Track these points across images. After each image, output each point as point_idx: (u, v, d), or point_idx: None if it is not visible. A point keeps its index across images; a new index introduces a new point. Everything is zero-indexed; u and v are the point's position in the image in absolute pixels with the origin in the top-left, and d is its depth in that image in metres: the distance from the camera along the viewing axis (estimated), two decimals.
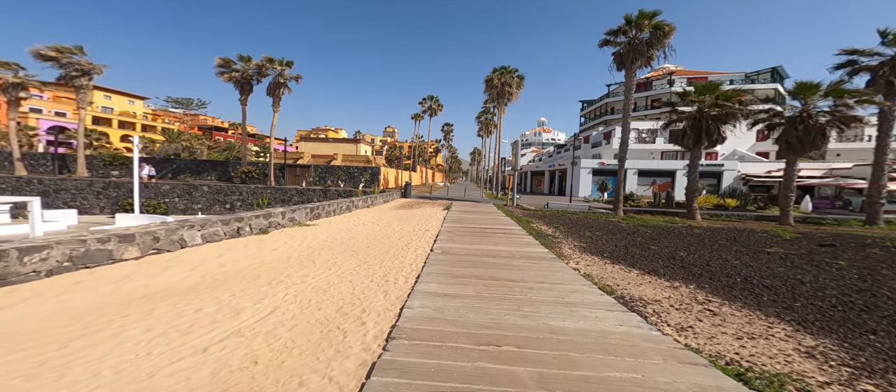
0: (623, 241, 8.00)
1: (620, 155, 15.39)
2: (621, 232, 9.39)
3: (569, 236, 8.44)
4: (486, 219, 11.20)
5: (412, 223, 9.65)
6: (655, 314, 3.33)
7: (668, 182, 29.49)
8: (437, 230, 8.45)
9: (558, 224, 10.76)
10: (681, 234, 9.38)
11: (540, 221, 11.33)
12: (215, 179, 23.47)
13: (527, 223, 10.56)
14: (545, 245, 6.89)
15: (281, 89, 23.47)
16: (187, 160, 24.64)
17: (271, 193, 18.34)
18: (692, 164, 14.13)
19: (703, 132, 13.26)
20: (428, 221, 10.15)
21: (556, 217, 12.82)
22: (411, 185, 20.09)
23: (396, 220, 10.27)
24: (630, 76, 15.18)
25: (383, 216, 10.95)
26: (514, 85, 26.56)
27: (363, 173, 26.58)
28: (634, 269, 5.33)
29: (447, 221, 10.07)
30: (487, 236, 7.70)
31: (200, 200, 18.05)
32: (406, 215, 11.58)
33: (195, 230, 5.25)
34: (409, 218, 10.89)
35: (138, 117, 59.61)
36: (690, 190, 13.90)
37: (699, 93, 13.47)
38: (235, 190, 18.36)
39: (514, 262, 5.37)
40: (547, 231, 9.16)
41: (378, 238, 7.09)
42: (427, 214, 12.09)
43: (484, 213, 13.26)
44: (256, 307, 3.09)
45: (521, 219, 11.51)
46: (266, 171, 23.24)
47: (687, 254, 6.57)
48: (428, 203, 17.27)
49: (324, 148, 51.32)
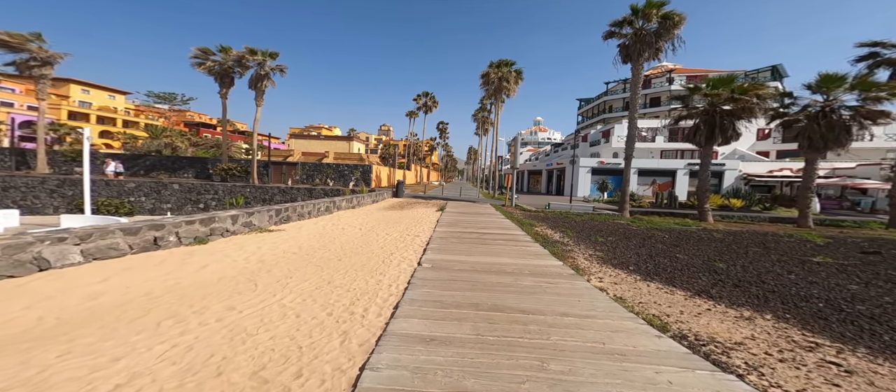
0: (643, 247, 6.93)
1: (627, 153, 14.39)
2: (636, 236, 8.33)
3: (580, 242, 7.33)
4: (484, 221, 10.05)
5: (400, 227, 8.45)
6: (753, 370, 2.20)
7: (668, 182, 28.77)
8: (429, 236, 7.26)
9: (564, 227, 9.67)
10: (702, 238, 8.36)
11: (543, 224, 10.23)
12: (193, 177, 21.90)
13: (529, 226, 9.44)
14: (556, 255, 5.75)
15: (263, 82, 22.00)
16: (163, 156, 22.98)
17: (251, 192, 16.93)
18: (703, 162, 13.18)
19: (716, 128, 12.32)
20: (419, 224, 8.95)
21: (560, 219, 11.74)
22: (404, 184, 18.84)
23: (383, 223, 9.05)
24: (637, 69, 14.18)
25: (369, 218, 9.72)
26: (511, 80, 25.49)
27: (353, 171, 25.24)
28: (675, 287, 4.22)
29: (440, 225, 8.89)
30: (487, 244, 6.53)
31: (170, 199, 16.52)
32: (395, 217, 10.36)
33: (69, 244, 3.76)
34: (398, 220, 9.68)
35: (119, 113, 57.03)
36: (702, 190, 12.95)
37: (713, 86, 12.52)
38: (210, 188, 16.89)
39: (523, 281, 4.20)
40: (553, 236, 8.05)
41: (356, 247, 5.87)
42: (419, 216, 10.89)
43: (481, 214, 12.11)
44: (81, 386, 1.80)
45: (522, 222, 10.39)
46: (249, 169, 21.76)
47: (727, 265, 5.50)
48: (421, 203, 16.06)
49: (315, 145, 49.68)
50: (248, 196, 16.60)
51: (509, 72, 25.37)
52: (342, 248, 5.70)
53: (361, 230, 7.61)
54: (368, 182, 26.04)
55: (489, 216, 11.48)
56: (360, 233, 7.28)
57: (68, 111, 50.03)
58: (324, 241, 6.19)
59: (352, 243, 6.14)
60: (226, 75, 21.71)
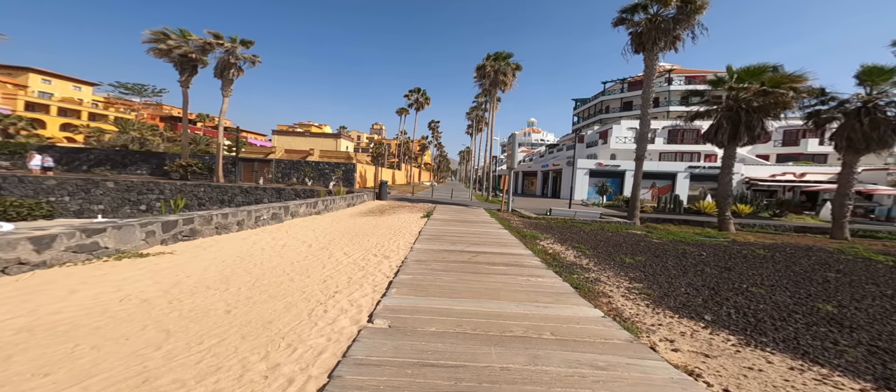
0: (689, 273, 5.17)
1: (638, 153, 12.77)
2: (667, 254, 6.60)
3: (603, 265, 5.53)
4: (477, 233, 8.16)
5: (369, 241, 6.48)
6: None
7: (668, 185, 27.61)
8: (403, 256, 5.33)
9: (574, 240, 7.87)
10: (747, 257, 6.69)
11: (548, 236, 8.42)
12: (147, 174, 19.32)
13: (533, 240, 7.61)
14: (583, 291, 3.91)
15: (231, 71, 19.62)
16: (111, 150, 20.27)
17: (206, 192, 14.61)
18: (726, 165, 11.66)
19: (741, 126, 10.79)
20: (395, 237, 7.01)
21: (566, 228, 9.97)
22: (387, 185, 16.81)
23: (349, 235, 7.05)
24: (651, 60, 12.57)
25: (332, 228, 7.71)
26: (509, 73, 23.80)
27: (335, 170, 23.04)
28: (810, 361, 2.41)
29: (423, 238, 6.96)
30: (482, 273, 4.63)
31: (103, 199, 14.01)
32: (368, 226, 8.38)
33: None
34: (371, 231, 7.70)
35: (85, 105, 52.87)
36: (723, 195, 11.42)
37: (739, 79, 10.98)
38: (155, 187, 14.47)
39: (549, 357, 2.32)
40: (566, 255, 6.23)
41: (280, 281, 3.88)
42: (398, 224, 8.93)
43: (474, 222, 10.23)
44: None
45: (523, 233, 8.55)
46: (213, 165, 19.32)
47: (838, 308, 3.75)
48: (405, 207, 14.09)
49: (299, 142, 46.97)
50: (202, 197, 14.30)
51: (506, 64, 23.68)
52: (254, 285, 3.68)
53: (311, 248, 5.60)
54: (352, 182, 23.89)
55: (483, 225, 9.61)
56: (305, 253, 5.27)
57: (25, 102, 45.88)
58: (232, 271, 4.15)
59: (279, 274, 4.14)
60: (187, 62, 19.24)
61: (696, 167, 26.69)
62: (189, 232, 5.12)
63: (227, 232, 5.68)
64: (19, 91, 46.51)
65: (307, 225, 7.57)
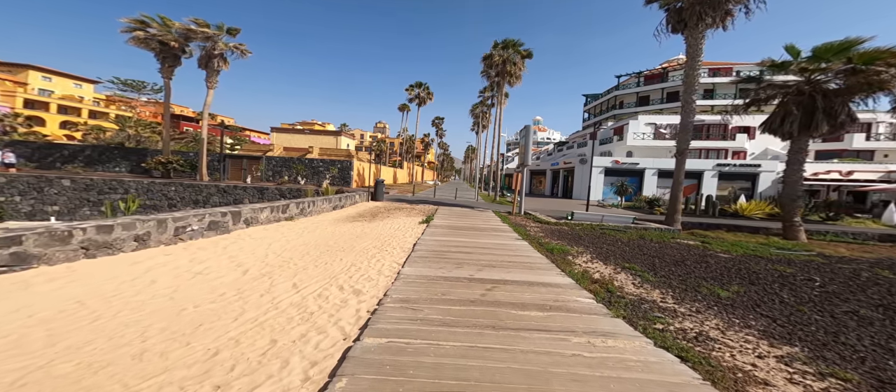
0: (846, 320, 3.21)
1: (679, 146, 10.75)
2: (767, 281, 4.62)
3: (694, 304, 3.59)
4: (489, 247, 6.27)
5: (343, 261, 4.65)
6: None
7: (693, 184, 25.27)
8: (384, 287, 3.49)
9: (620, 257, 5.93)
10: (880, 284, 4.67)
11: (582, 250, 6.49)
12: (126, 171, 17.83)
13: (563, 256, 5.70)
14: (700, 367, 1.98)
15: (216, 61, 18.04)
16: (87, 146, 18.84)
17: (178, 192, 12.98)
18: (793, 159, 9.55)
19: (818, 113, 8.66)
20: (380, 253, 5.16)
21: (599, 238, 8.01)
22: (385, 184, 15.01)
23: (317, 251, 5.23)
24: (695, 40, 10.48)
25: (300, 240, 5.90)
26: (518, 62, 21.79)
27: (330, 167, 21.35)
28: None
29: (417, 255, 5.10)
30: (508, 328, 2.74)
31: (58, 199, 12.44)
32: (349, 237, 6.56)
33: None
34: (350, 244, 5.88)
35: (85, 102, 52.25)
36: (791, 198, 9.32)
37: (816, 57, 8.80)
38: (120, 186, 12.86)
39: None
40: (623, 283, 4.30)
41: (112, 359, 2.03)
42: (389, 233, 7.10)
43: (483, 230, 8.34)
44: None
45: (549, 246, 6.63)
46: (196, 162, 17.75)
47: None
48: (403, 209, 12.27)
49: (298, 140, 45.53)
50: (174, 197, 12.68)
51: (515, 53, 21.66)
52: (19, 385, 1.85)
53: (246, 276, 3.75)
54: (348, 181, 22.17)
55: (495, 234, 7.72)
56: (227, 287, 3.39)
57: (24, 99, 45.31)
58: (21, 337, 2.33)
59: (124, 341, 2.29)
60: (168, 52, 17.70)
61: (726, 165, 24.30)
62: (22, 259, 3.12)
63: (111, 253, 3.76)
64: (19, 88, 45.99)
65: (265, 236, 5.76)
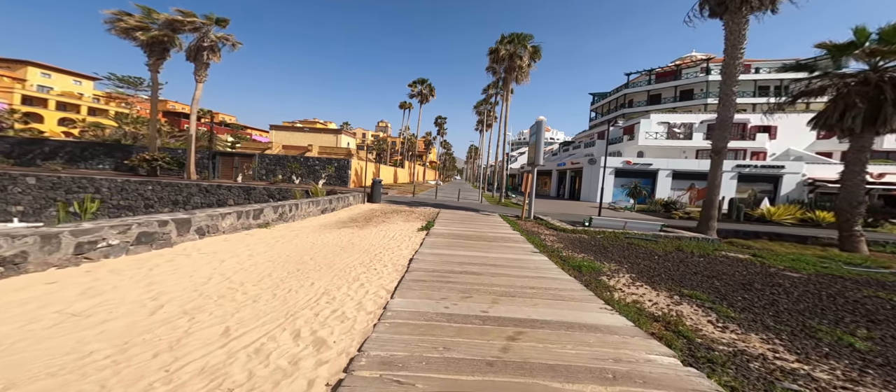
0: None
1: (717, 145, 9.48)
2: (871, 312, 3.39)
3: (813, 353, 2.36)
4: (502, 264, 5.09)
5: (314, 288, 3.48)
6: None
7: None
8: (363, 333, 2.29)
9: (668, 278, 4.72)
10: None
11: (615, 267, 5.29)
12: (111, 169, 16.85)
13: (595, 277, 4.51)
14: None
15: (205, 54, 17.04)
16: (69, 142, 17.90)
17: (155, 192, 11.90)
18: (853, 158, 8.24)
19: (888, 105, 7.36)
20: (367, 274, 3.99)
21: (628, 250, 6.80)
22: (381, 184, 13.86)
23: (285, 271, 4.07)
24: (736, 26, 9.24)
25: (268, 255, 4.76)
26: (526, 57, 20.58)
27: (327, 166, 20.27)
28: None
29: (412, 277, 3.92)
30: None
31: (22, 199, 11.42)
32: (332, 249, 5.41)
33: None
34: (331, 260, 4.72)
35: (85, 99, 51.74)
36: (852, 203, 8.01)
37: (884, 40, 7.48)
38: (90, 184, 11.78)
39: None
40: (697, 320, 3.08)
41: None
42: (382, 244, 5.95)
43: (492, 239, 7.16)
44: None
45: (575, 262, 5.43)
46: (184, 160, 16.74)
47: None
48: (401, 212, 11.12)
49: (297, 138, 44.56)
50: (151, 197, 11.62)
51: (523, 47, 20.45)
52: None
53: (157, 318, 2.58)
54: (346, 180, 21.09)
55: (507, 245, 6.53)
56: (94, 350, 2.22)
57: (22, 96, 44.81)
58: None
59: None
60: (155, 44, 16.72)
61: (746, 166, 22.90)
62: None
63: None
64: (16, 84, 45.51)
65: (222, 250, 4.62)
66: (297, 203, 7.56)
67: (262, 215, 6.23)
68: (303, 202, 7.88)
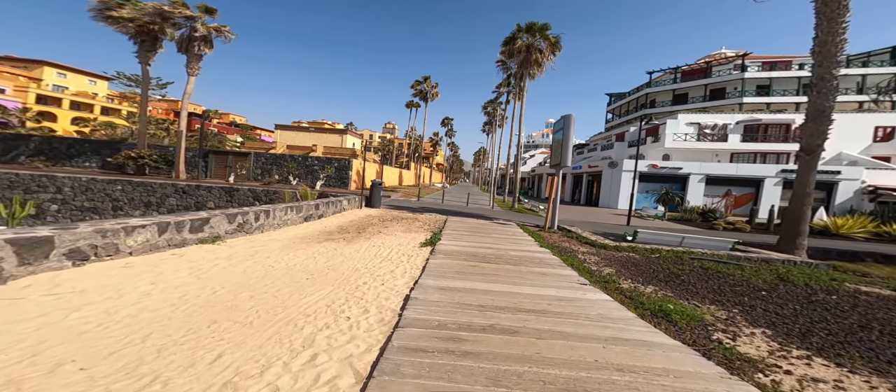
0: None
1: (810, 142, 7.61)
2: None
3: None
4: (545, 310, 3.29)
5: (200, 386, 1.76)
6: None
7: (750, 193, 21.46)
8: None
9: (828, 340, 2.83)
10: None
11: (726, 314, 3.43)
12: (97, 167, 15.77)
13: (699, 327, 2.64)
14: None
15: (197, 45, 15.91)
16: (55, 138, 17.01)
17: (126, 191, 10.54)
18: None
19: None
20: (323, 343, 2.26)
21: (715, 281, 4.90)
22: (382, 187, 12.24)
23: (180, 330, 2.38)
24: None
25: (176, 293, 3.11)
26: (545, 50, 18.75)
27: (325, 167, 18.84)
28: None
29: (400, 351, 2.17)
30: None
31: None
32: (289, 283, 3.73)
33: None
34: (277, 304, 3.02)
35: (98, 99, 52.35)
36: None
37: None
38: (52, 183, 10.49)
39: None
40: None
41: None
42: (367, 272, 4.24)
43: (519, 262, 5.38)
44: None
45: (666, 309, 3.57)
46: (172, 158, 15.55)
47: None
48: (403, 219, 9.45)
49: (302, 138, 43.73)
50: (120, 198, 10.29)
51: (542, 38, 18.63)
52: None
53: None
54: (346, 181, 19.60)
55: (541, 273, 4.73)
56: None
57: (36, 95, 45.46)
58: None
59: None
60: (145, 34, 15.69)
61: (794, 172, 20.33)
62: None
63: None
64: (32, 84, 46.28)
65: (99, 288, 3.01)
66: (267, 210, 5.95)
67: (207, 227, 4.61)
68: (277, 208, 6.27)
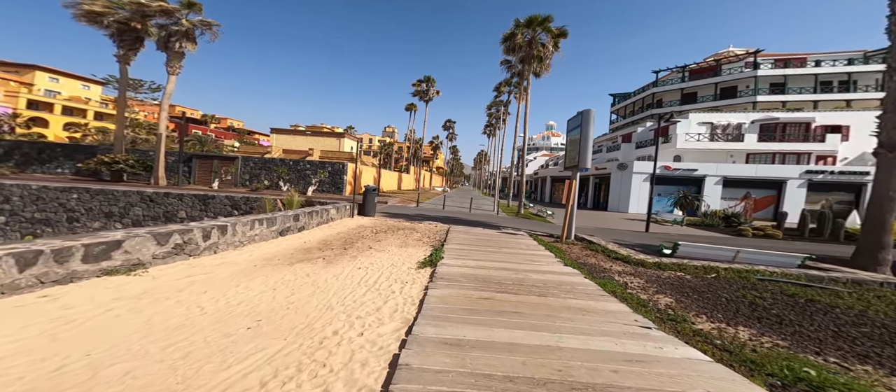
0: None
1: (892, 136, 6.20)
2: None
3: None
4: (603, 374, 1.97)
5: None
6: None
7: (771, 196, 20.18)
8: None
9: None
10: None
11: (871, 375, 2.14)
12: (70, 173, 14.59)
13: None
14: None
15: (178, 41, 14.82)
16: (26, 142, 15.87)
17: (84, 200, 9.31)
18: None
19: None
20: None
21: (826, 319, 3.63)
22: (377, 192, 11.01)
23: None
24: None
25: None
26: (549, 44, 17.63)
27: (318, 171, 17.65)
28: None
29: None
30: None
31: None
32: (201, 348, 2.47)
33: None
34: (182, 379, 1.74)
35: (91, 104, 51.44)
36: None
37: None
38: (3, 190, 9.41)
39: None
40: None
41: None
42: (342, 312, 2.97)
43: (544, 288, 4.12)
44: None
45: (827, 380, 2.29)
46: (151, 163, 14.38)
47: None
48: (399, 231, 8.22)
49: (299, 142, 42.65)
50: (75, 209, 9.08)
51: (545, 31, 17.49)
52: None
53: None
54: (341, 186, 18.38)
55: (579, 309, 3.46)
56: None
57: (27, 100, 44.54)
58: None
59: None
60: (125, 32, 14.63)
61: (818, 173, 19.13)
62: None
63: None
64: (22, 89, 45.44)
65: None
66: (224, 225, 4.72)
67: (118, 252, 3.35)
68: (240, 222, 5.04)
